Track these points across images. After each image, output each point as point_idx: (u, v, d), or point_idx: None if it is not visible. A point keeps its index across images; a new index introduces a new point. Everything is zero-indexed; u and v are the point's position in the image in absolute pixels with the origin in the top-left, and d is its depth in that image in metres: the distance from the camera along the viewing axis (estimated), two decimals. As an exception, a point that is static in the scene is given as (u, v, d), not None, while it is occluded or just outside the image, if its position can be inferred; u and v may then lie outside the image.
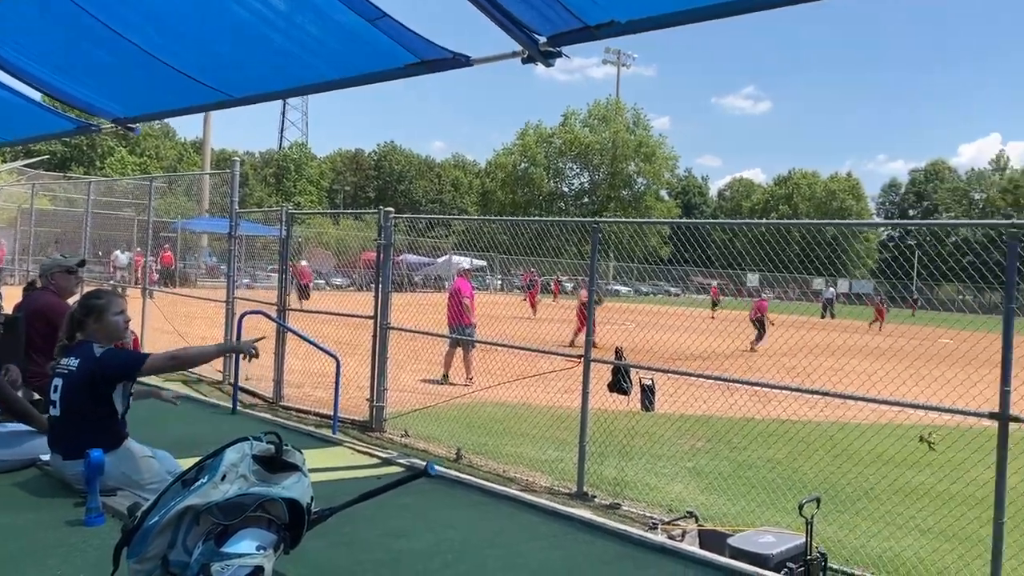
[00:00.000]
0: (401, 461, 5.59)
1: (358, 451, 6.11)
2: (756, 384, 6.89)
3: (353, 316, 9.72)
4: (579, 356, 7.02)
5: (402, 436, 8.40)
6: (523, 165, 66.17)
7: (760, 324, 20.90)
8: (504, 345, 9.74)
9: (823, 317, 34.34)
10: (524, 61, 4.68)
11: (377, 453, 6.58)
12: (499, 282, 42.04)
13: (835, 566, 5.18)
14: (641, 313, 24.98)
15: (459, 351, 12.42)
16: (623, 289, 52.23)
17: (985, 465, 5.15)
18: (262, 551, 2.28)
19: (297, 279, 13.28)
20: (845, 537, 5.66)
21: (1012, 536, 5.62)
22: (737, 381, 6.99)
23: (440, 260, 39.94)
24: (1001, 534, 4.69)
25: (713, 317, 21.25)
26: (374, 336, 8.92)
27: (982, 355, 6.47)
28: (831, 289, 39.50)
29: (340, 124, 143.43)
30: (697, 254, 10.94)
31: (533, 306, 27.00)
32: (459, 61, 4.63)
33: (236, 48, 5.05)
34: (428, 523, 4.09)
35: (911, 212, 78.35)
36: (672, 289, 54.34)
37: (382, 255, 8.97)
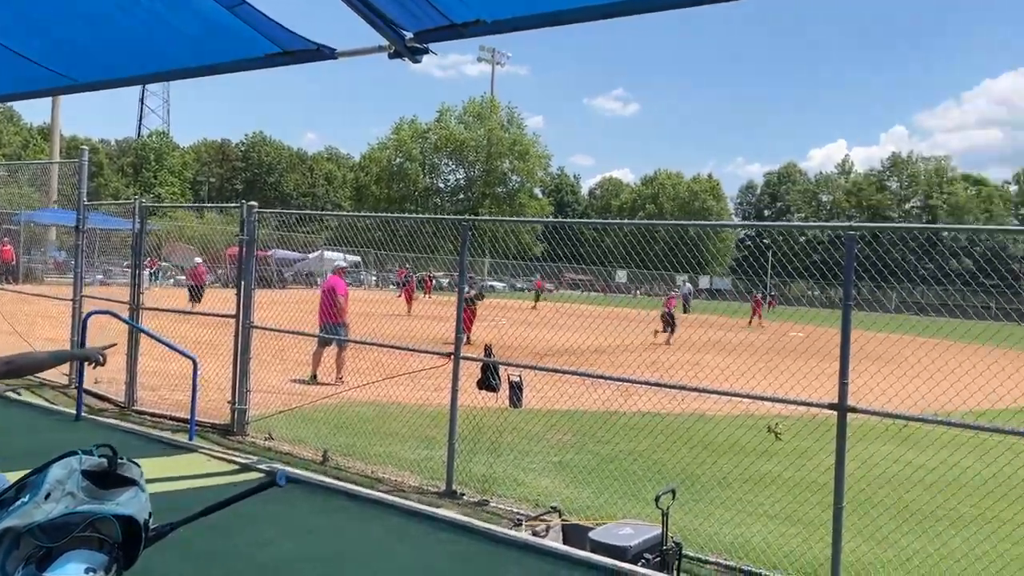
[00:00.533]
0: (261, 467, 5.40)
1: (215, 457, 5.85)
2: (619, 379, 7.10)
3: (213, 315, 9.29)
4: (448, 354, 6.98)
5: (266, 439, 8.10)
6: (398, 160, 65.51)
7: (671, 319, 22.77)
8: (372, 344, 9.58)
9: (684, 312, 35.68)
10: (391, 56, 4.60)
11: (235, 459, 6.32)
12: (374, 278, 41.44)
13: (691, 554, 5.40)
14: (516, 310, 25.31)
15: (330, 350, 12.13)
16: (498, 285, 52.68)
17: (827, 452, 5.49)
18: (91, 573, 2.11)
19: (189, 279, 12.58)
20: (700, 525, 5.91)
21: (851, 520, 6.04)
22: (601, 376, 7.16)
23: (312, 256, 38.92)
24: (840, 518, 5.00)
25: (535, 307, 22.52)
26: (236, 336, 8.55)
27: (823, 348, 6.91)
28: (687, 285, 41.10)
29: (205, 113, 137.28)
30: (569, 251, 11.12)
31: (409, 303, 26.75)
32: (323, 53, 4.51)
33: (82, 31, 4.70)
34: (290, 531, 3.96)
35: (766, 212, 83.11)
36: (547, 285, 55.37)
37: (244, 251, 8.61)
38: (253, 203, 8.81)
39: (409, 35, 4.43)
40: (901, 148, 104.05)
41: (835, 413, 5.18)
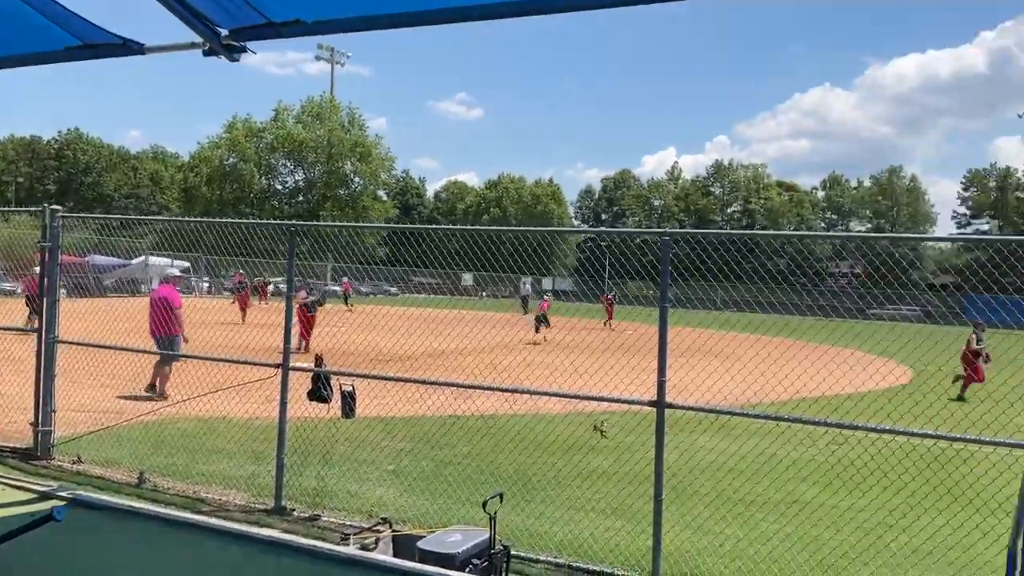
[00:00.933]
0: (62, 494, 4.93)
1: (9, 485, 5.30)
2: (442, 383, 7.08)
3: (10, 329, 8.46)
4: (276, 364, 6.72)
5: (74, 463, 7.46)
6: (231, 160, 62.62)
7: (545, 319, 25.17)
8: (192, 357, 9.08)
9: (524, 313, 36.32)
10: (205, 54, 4.38)
11: (34, 486, 5.75)
12: (207, 285, 39.39)
13: (523, 554, 5.48)
14: (359, 314, 24.83)
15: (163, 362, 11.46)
16: (341, 289, 51.59)
17: (651, 447, 5.74)
18: None
19: (27, 290, 11.28)
20: (532, 525, 6.02)
21: (672, 509, 6.36)
22: (424, 382, 7.14)
23: (135, 262, 36.44)
24: (660, 509, 5.24)
25: (350, 310, 23.13)
26: (39, 351, 7.83)
27: (648, 344, 7.25)
28: (527, 286, 41.93)
29: (12, 107, 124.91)
30: (415, 254, 10.98)
31: (243, 310, 25.58)
32: (131, 48, 4.23)
33: None
34: (91, 567, 3.63)
35: (603, 216, 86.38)
36: (391, 289, 54.81)
37: (48, 259, 7.90)
38: (57, 207, 8.10)
39: (224, 32, 4.24)
40: (724, 156, 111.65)
41: (654, 410, 5.43)
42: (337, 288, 49.38)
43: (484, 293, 48.90)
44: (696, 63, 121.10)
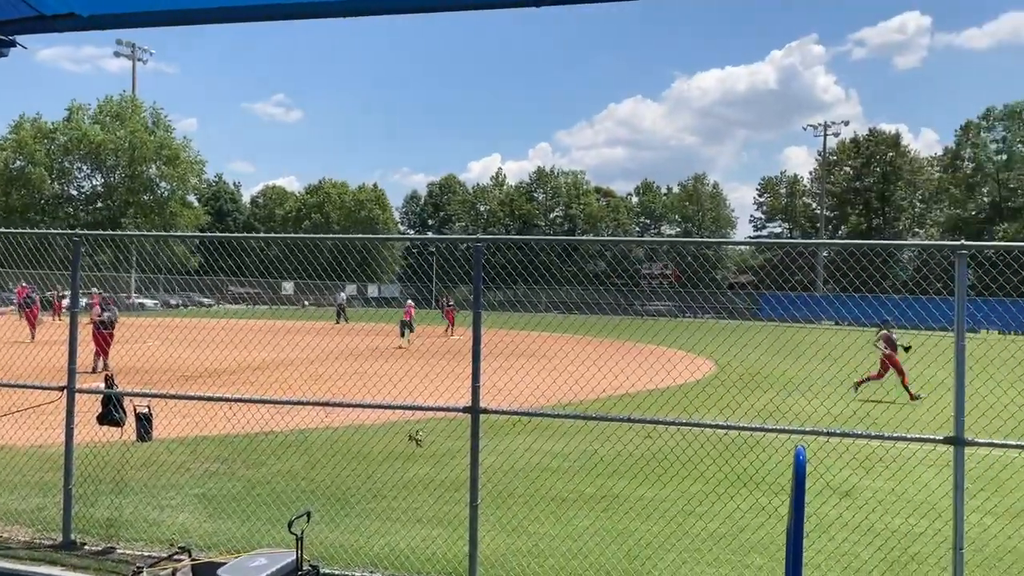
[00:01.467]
0: None
1: None
2: (251, 400, 6.77)
3: None
4: (61, 387, 6.13)
5: None
6: (18, 163, 56.82)
7: (410, 325, 25.94)
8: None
9: (337, 322, 35.61)
10: None
11: None
12: (-10, 300, 35.50)
13: (336, 572, 5.33)
14: (167, 328, 23.31)
15: None
16: (149, 303, 48.24)
17: (466, 452, 5.77)
18: None
19: None
20: (347, 540, 5.87)
21: (489, 512, 6.43)
22: (225, 399, 6.79)
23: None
24: (476, 515, 5.26)
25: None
26: None
27: (465, 349, 7.31)
28: (342, 294, 41.14)
29: None
30: (233, 263, 10.45)
31: (32, 327, 23.25)
32: None
33: None
34: None
35: (430, 221, 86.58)
36: (205, 300, 51.85)
37: None
38: None
39: (-10, 25, 3.89)
40: (546, 163, 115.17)
41: (469, 416, 5.46)
42: (147, 302, 46.02)
43: (307, 302, 47.46)
44: (518, 71, 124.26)
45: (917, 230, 75.08)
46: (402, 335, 25.82)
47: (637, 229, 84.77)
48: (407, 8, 4.28)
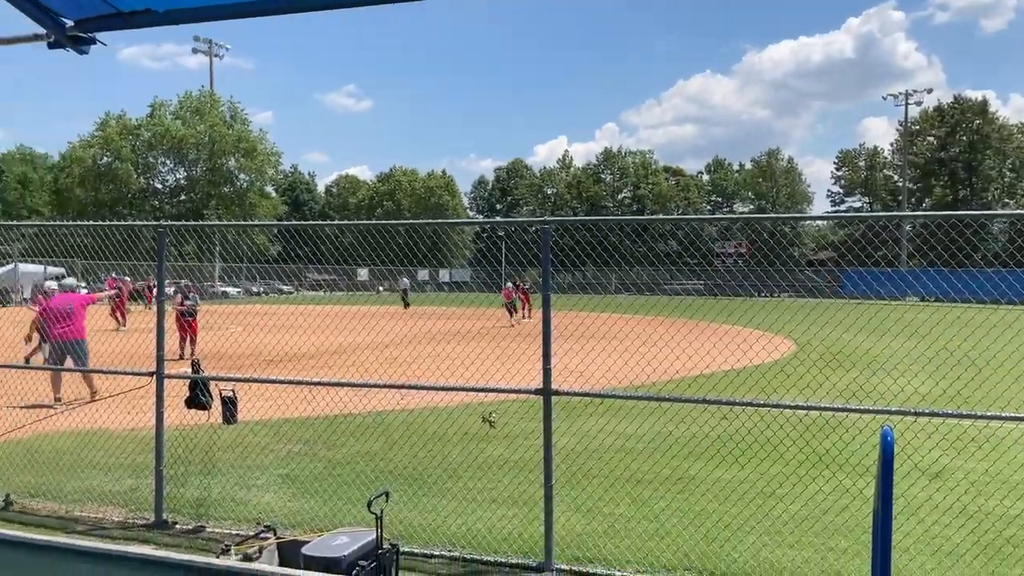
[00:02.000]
0: (-91, 526, 4.55)
1: None
2: (329, 384, 6.91)
3: None
4: (150, 373, 6.39)
5: (-71, 490, 6.90)
6: (105, 159, 59.30)
7: (513, 306, 27.58)
8: (55, 369, 8.56)
9: (406, 307, 35.91)
10: (51, 46, 4.16)
11: None
12: (85, 290, 37.27)
13: (416, 550, 5.43)
14: (250, 315, 24.06)
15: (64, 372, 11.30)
16: (232, 291, 49.83)
17: (538, 434, 5.78)
18: None
19: None
20: (426, 520, 5.96)
21: (564, 493, 6.44)
22: (303, 383, 6.95)
23: (2, 270, 34.11)
24: (551, 495, 5.28)
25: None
26: None
27: (537, 331, 7.31)
28: (405, 279, 41.36)
29: None
30: (309, 251, 10.67)
31: (122, 316, 24.28)
32: (-39, 41, 3.95)
33: None
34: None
35: (498, 206, 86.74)
36: (285, 288, 53.28)
37: None
38: None
39: (70, 23, 4.03)
40: (612, 143, 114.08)
41: (540, 398, 5.46)
42: (230, 290, 47.55)
43: (380, 288, 48.28)
44: (583, 52, 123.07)
45: (1007, 200, 71.42)
46: (511, 315, 27.71)
47: (708, 208, 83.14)
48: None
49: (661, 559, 5.18)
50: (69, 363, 11.18)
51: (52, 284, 12.65)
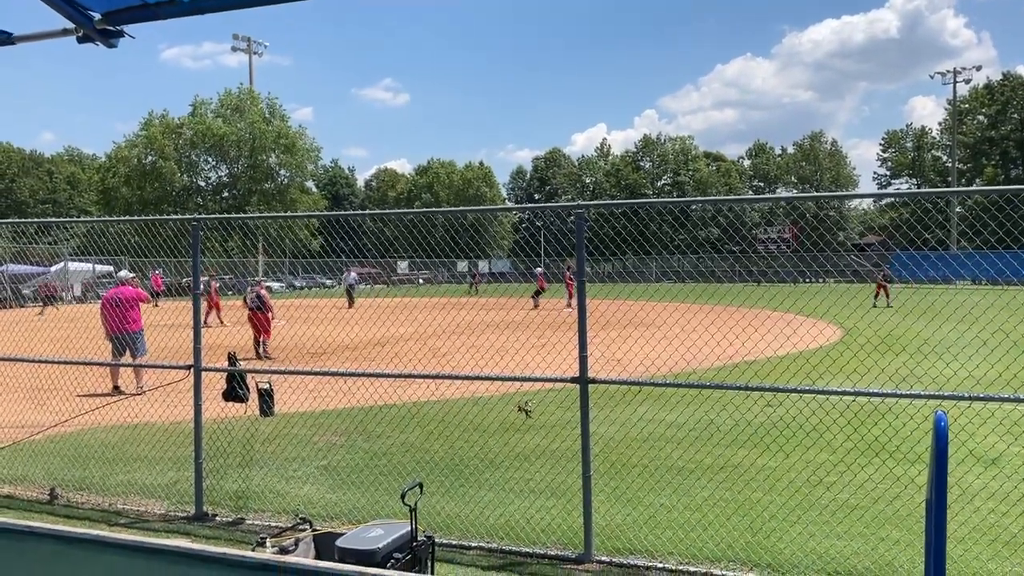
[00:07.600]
0: (-46, 520, 4.62)
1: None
2: (365, 375, 6.86)
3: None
4: (188, 366, 6.43)
5: (-20, 484, 7.04)
6: (150, 158, 60.42)
7: (541, 292, 29.00)
8: (93, 363, 8.68)
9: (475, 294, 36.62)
10: (80, 40, 4.17)
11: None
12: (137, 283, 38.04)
13: (454, 542, 5.36)
14: (293, 308, 24.29)
15: (126, 359, 11.57)
16: (275, 285, 50.47)
17: (577, 423, 5.67)
18: None
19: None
20: (464, 511, 5.89)
21: (604, 483, 6.32)
22: (339, 374, 6.92)
23: (54, 268, 34.95)
24: (589, 486, 5.16)
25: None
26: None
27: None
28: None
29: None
30: (350, 244, 10.72)
31: (218, 311, 24.59)
32: (-2, 38, 3.97)
33: None
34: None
35: (536, 196, 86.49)
36: (327, 281, 53.83)
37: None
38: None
39: (98, 16, 4.02)
40: (651, 130, 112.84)
41: (577, 386, 5.35)
42: (274, 284, 48.20)
43: (421, 279, 48.48)
44: (619, 39, 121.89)
45: (1063, 178, 69.04)
46: (535, 301, 29.14)
47: (750, 192, 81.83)
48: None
49: (704, 550, 5.04)
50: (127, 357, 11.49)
51: (124, 274, 12.92)
